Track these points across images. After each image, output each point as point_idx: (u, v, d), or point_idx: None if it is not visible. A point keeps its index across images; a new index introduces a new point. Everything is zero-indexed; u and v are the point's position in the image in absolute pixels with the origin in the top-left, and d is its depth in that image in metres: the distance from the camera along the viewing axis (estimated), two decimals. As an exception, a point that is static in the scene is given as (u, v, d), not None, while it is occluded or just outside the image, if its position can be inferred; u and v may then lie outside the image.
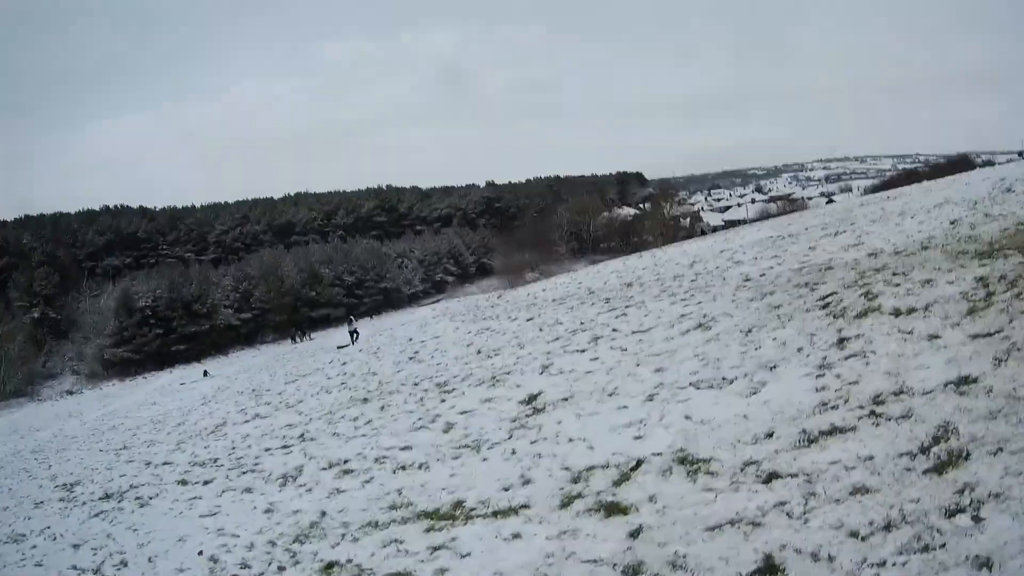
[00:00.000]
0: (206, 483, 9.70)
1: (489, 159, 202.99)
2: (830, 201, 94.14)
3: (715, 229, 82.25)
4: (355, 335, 30.42)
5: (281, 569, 5.96)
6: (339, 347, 28.20)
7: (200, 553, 6.79)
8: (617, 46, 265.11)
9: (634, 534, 4.65)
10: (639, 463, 5.70)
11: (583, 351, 10.25)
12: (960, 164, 67.12)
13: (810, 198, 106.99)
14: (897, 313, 6.89)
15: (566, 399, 8.15)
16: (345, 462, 8.64)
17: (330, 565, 5.73)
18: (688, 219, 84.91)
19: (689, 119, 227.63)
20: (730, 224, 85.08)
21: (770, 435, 5.35)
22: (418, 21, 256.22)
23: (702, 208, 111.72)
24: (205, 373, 33.30)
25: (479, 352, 13.45)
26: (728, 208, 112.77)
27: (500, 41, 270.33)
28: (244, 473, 9.67)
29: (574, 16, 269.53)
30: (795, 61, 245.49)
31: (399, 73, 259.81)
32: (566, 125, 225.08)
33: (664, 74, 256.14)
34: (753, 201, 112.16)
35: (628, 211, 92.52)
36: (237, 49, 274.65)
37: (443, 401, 10.06)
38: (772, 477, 4.73)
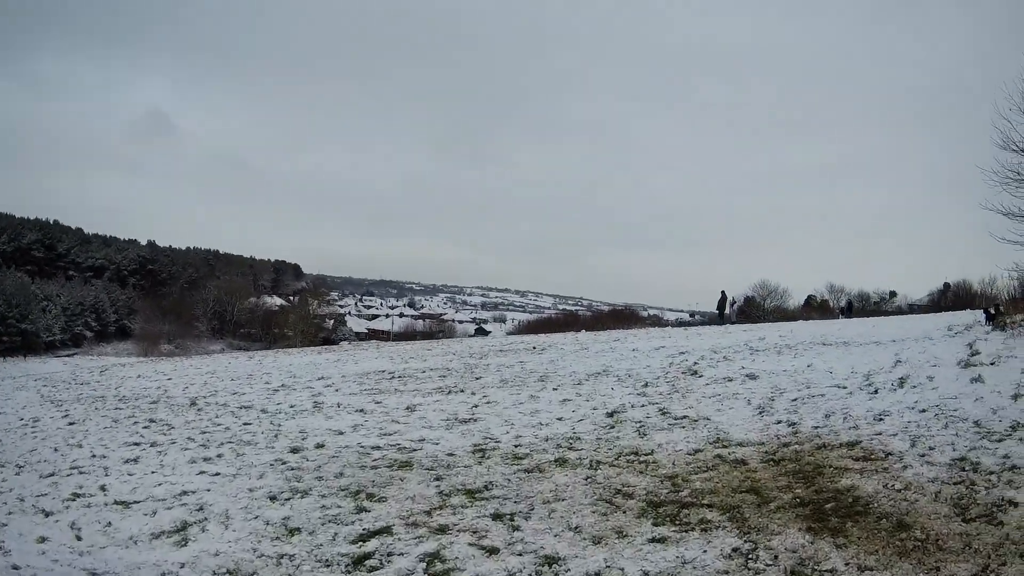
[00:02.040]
0: None
1: (164, 217, 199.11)
2: (480, 329, 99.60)
3: (358, 335, 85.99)
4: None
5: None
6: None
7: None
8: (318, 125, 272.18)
9: None
10: None
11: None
12: (626, 315, 67.97)
13: (461, 322, 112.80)
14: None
15: None
16: None
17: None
18: (332, 321, 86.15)
19: (361, 223, 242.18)
20: (372, 334, 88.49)
21: None
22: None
23: (350, 312, 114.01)
24: None
25: None
26: (376, 317, 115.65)
27: (207, 102, 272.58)
28: None
29: (281, 93, 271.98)
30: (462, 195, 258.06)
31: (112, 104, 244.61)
32: (252, 202, 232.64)
33: (349, 169, 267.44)
34: (401, 315, 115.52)
35: (276, 301, 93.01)
36: None
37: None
38: None
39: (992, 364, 9.51)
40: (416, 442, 8.96)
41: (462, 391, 12.80)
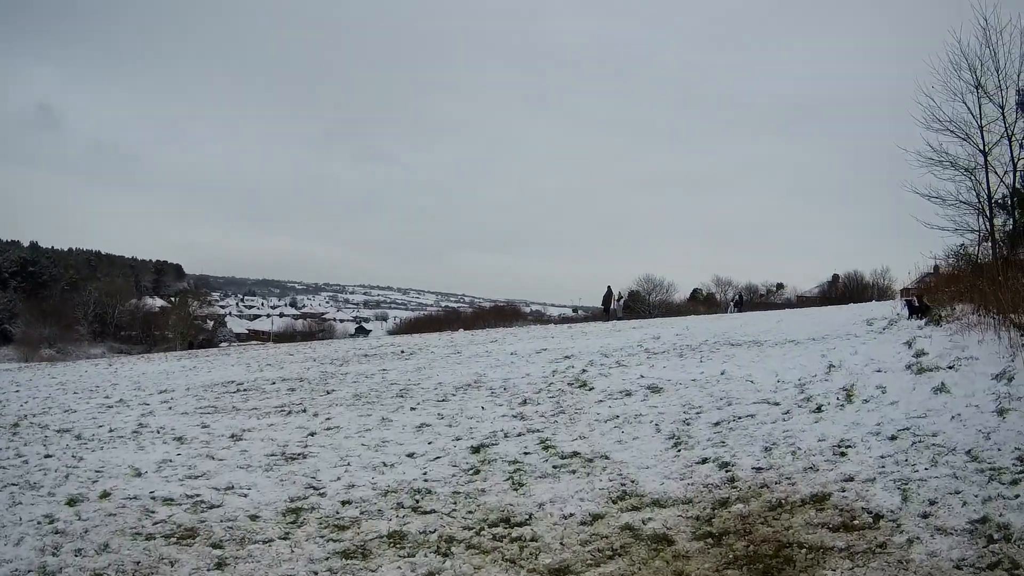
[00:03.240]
0: None
1: (47, 214, 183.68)
2: (360, 328, 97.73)
3: (238, 336, 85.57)
4: None
5: None
6: None
7: None
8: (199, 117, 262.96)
9: None
10: None
11: None
12: (508, 312, 65.69)
13: (342, 320, 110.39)
14: None
15: None
16: None
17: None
18: (212, 322, 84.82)
19: (244, 221, 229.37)
20: (253, 334, 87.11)
21: None
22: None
23: (231, 313, 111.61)
24: None
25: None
26: (257, 317, 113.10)
27: (93, 92, 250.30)
28: None
29: (163, 84, 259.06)
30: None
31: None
32: (135, 197, 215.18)
33: (231, 163, 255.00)
34: (281, 315, 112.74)
35: (157, 302, 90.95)
36: None
37: None
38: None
39: (951, 368, 7.56)
40: (221, 492, 6.53)
41: (304, 411, 10.14)
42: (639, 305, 49.52)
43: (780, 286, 68.09)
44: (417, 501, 5.90)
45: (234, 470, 7.16)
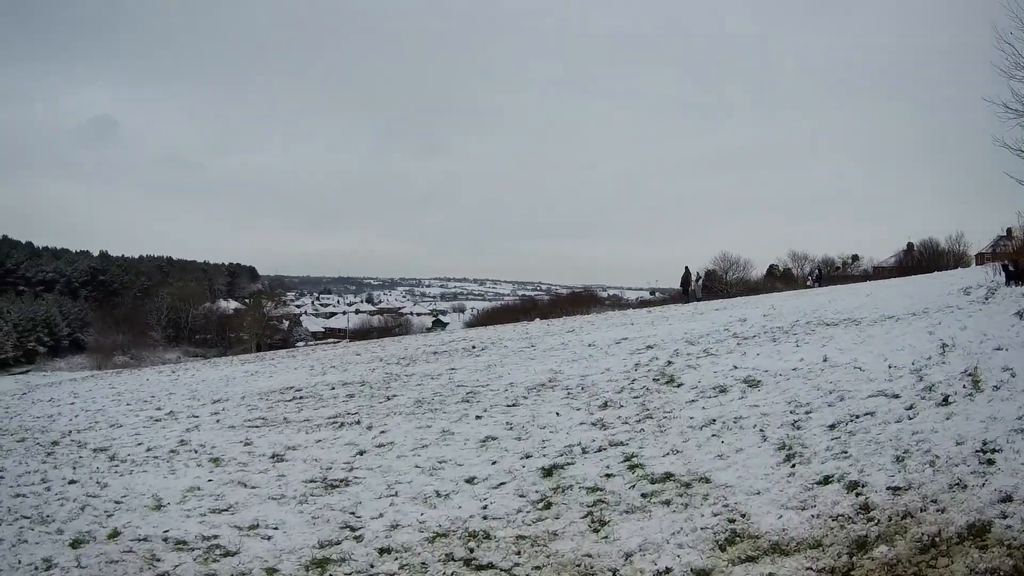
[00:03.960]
0: None
1: (116, 225, 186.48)
2: (437, 321, 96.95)
3: (314, 335, 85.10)
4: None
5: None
6: None
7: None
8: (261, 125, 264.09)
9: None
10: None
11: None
12: (584, 298, 64.03)
13: (419, 314, 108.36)
14: None
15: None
16: None
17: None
18: (287, 322, 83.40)
19: (313, 220, 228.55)
20: (329, 332, 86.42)
21: None
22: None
23: (306, 312, 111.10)
24: None
25: None
26: (333, 315, 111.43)
27: (151, 104, 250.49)
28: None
29: (220, 92, 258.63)
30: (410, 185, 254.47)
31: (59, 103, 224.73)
32: (204, 205, 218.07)
33: (296, 165, 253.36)
34: (357, 311, 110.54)
35: (232, 305, 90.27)
36: None
37: None
38: None
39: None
40: (242, 533, 5.65)
41: (359, 422, 9.17)
42: (717, 284, 47.14)
43: (856, 257, 63.96)
44: (471, 550, 4.78)
45: (265, 501, 6.32)
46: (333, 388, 12.50)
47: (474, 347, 16.82)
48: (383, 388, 11.83)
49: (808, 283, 39.58)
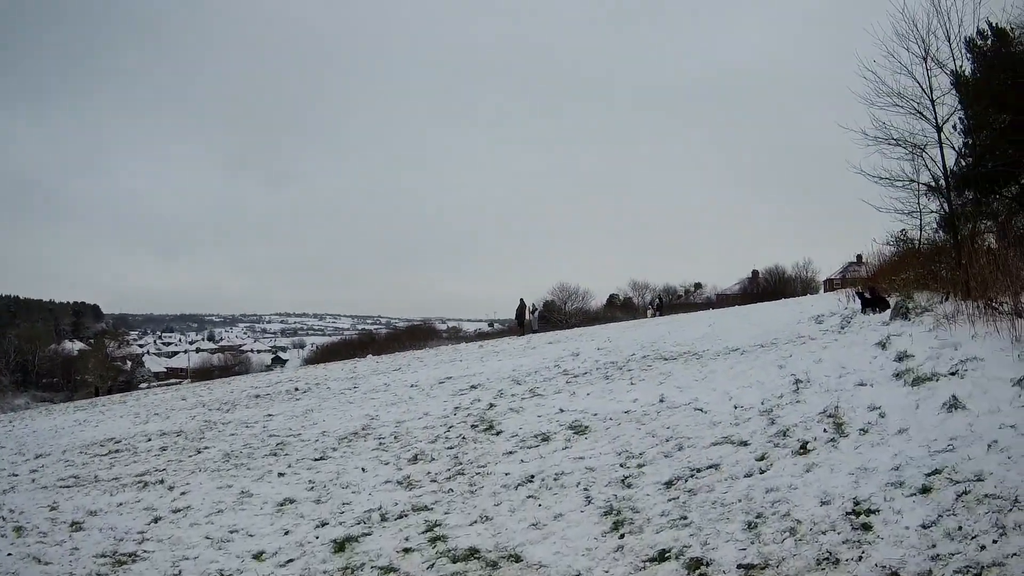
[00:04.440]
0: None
1: None
2: (276, 358, 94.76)
3: (156, 376, 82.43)
4: None
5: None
6: None
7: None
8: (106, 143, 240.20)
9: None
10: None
11: None
12: (423, 331, 64.33)
13: (259, 351, 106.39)
14: None
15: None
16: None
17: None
18: (130, 363, 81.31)
19: (159, 255, 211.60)
20: (171, 372, 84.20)
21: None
22: None
23: (148, 351, 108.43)
24: None
25: None
26: (175, 354, 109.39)
27: None
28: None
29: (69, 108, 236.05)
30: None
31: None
32: (47, 229, 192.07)
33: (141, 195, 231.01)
34: (198, 350, 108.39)
35: (77, 345, 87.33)
36: None
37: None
38: None
39: (955, 375, 5.85)
40: None
41: (162, 481, 8.08)
42: (555, 315, 47.76)
43: (698, 285, 67.76)
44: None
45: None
46: (150, 439, 11.17)
47: (297, 389, 15.63)
48: (197, 439, 10.63)
49: (649, 312, 41.18)
